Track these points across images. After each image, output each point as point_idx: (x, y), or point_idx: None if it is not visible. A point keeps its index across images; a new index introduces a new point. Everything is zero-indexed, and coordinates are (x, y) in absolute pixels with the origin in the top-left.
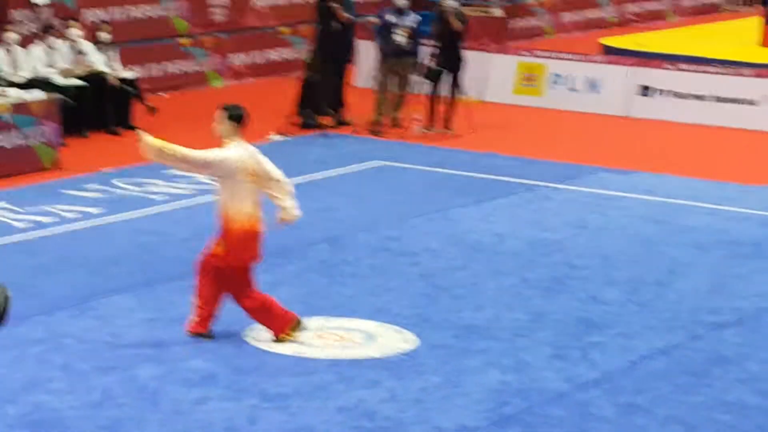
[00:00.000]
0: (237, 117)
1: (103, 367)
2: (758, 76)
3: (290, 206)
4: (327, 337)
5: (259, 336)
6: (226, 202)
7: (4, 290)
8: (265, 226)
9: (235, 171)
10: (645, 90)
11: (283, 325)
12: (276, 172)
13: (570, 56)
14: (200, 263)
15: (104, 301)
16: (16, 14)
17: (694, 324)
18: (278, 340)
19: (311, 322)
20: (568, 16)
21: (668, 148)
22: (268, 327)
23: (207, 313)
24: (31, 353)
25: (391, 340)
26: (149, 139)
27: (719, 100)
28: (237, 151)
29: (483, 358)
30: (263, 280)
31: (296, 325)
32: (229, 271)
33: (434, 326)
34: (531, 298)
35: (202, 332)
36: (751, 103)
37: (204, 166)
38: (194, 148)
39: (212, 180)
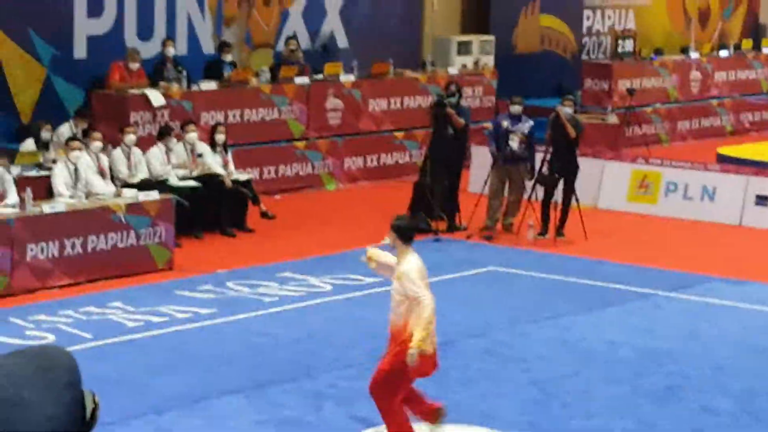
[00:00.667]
0: (400, 229)
1: None
2: None
3: None
4: None
5: None
6: (413, 314)
7: (93, 395)
8: None
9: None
10: (760, 199)
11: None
12: None
13: (685, 164)
14: (376, 385)
15: (215, 402)
16: (135, 116)
17: None
18: None
19: (419, 429)
20: (684, 124)
21: None
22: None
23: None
24: None
25: None
26: (415, 343)
27: None
28: (417, 263)
29: None
30: None
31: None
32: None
33: None
34: (642, 407)
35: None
36: None
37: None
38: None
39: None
